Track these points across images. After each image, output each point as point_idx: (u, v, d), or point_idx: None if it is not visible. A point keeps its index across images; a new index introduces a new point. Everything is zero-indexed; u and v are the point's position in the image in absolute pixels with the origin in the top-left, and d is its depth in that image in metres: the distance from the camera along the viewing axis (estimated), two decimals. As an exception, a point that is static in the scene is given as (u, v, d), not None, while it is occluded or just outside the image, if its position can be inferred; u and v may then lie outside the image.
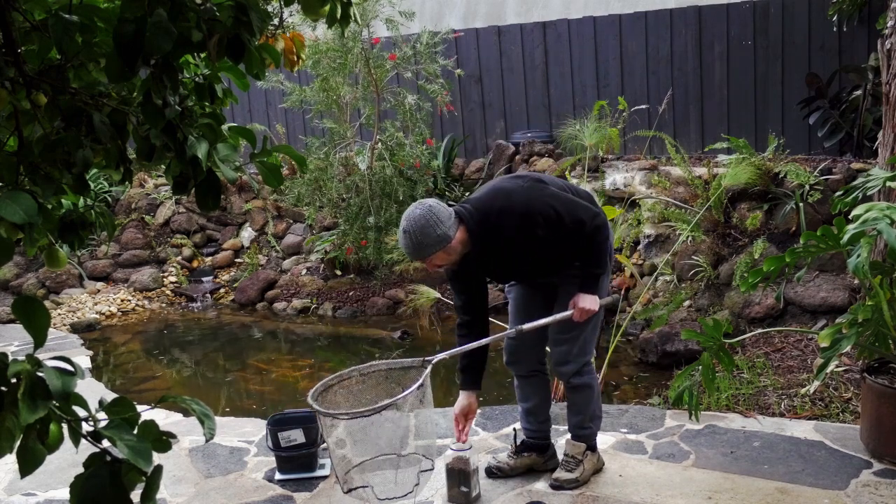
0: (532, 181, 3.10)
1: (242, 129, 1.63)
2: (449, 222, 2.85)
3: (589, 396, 3.27)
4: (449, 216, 2.87)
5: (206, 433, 1.15)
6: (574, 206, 3.00)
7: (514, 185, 3.06)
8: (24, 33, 1.43)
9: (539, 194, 3.00)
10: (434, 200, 2.95)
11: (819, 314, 4.94)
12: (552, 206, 2.95)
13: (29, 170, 1.43)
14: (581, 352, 3.22)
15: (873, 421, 3.29)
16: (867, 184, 3.27)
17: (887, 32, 4.16)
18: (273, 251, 8.00)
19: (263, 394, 5.02)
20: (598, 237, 3.04)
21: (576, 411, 3.31)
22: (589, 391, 3.26)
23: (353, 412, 2.72)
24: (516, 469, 3.34)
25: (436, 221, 2.82)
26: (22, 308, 1.06)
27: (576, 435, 3.31)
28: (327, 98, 6.85)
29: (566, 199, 3.02)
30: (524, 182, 3.08)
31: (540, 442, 3.38)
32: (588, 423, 3.29)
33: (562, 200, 3.00)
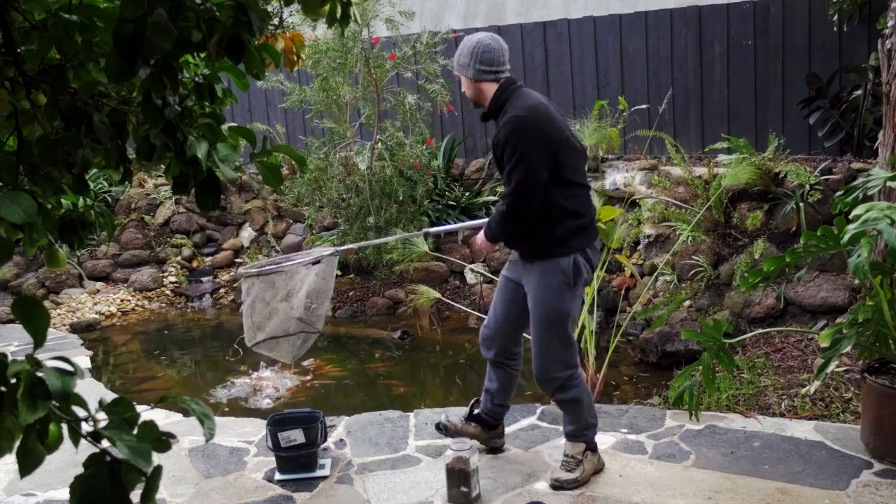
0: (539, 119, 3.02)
1: (242, 129, 1.63)
2: (488, 68, 3.09)
3: (578, 409, 3.25)
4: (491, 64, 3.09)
5: (205, 433, 1.15)
6: (521, 163, 2.96)
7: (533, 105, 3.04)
8: (24, 33, 1.43)
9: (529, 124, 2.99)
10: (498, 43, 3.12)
11: (819, 314, 4.94)
12: (514, 136, 2.98)
13: (29, 170, 1.43)
14: (556, 366, 3.17)
15: (874, 421, 3.29)
16: (867, 184, 3.27)
17: (887, 32, 4.16)
18: (273, 251, 7.99)
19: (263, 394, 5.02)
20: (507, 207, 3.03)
21: (569, 421, 3.31)
22: (576, 405, 3.23)
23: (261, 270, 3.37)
24: (460, 433, 3.49)
25: (479, 56, 3.08)
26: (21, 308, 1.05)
27: (574, 440, 3.31)
28: (327, 98, 6.85)
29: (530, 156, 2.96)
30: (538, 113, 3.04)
31: (489, 420, 3.53)
32: (582, 430, 3.28)
33: (525, 153, 2.96)
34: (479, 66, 3.08)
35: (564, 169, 3.05)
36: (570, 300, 3.12)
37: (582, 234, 3.11)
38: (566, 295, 3.10)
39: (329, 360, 5.62)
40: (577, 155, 3.16)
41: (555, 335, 3.14)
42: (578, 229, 3.10)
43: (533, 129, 2.98)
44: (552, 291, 3.09)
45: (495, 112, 3.12)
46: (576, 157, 3.15)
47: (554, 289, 3.09)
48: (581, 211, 3.12)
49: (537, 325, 3.16)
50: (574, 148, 3.14)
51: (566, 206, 3.07)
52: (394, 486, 3.34)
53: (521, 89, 3.14)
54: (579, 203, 3.12)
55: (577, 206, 3.11)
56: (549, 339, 3.15)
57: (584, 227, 3.13)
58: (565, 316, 3.13)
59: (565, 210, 3.07)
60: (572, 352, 3.20)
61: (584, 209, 3.14)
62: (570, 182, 3.09)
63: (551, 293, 3.09)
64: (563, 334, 3.15)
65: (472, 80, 3.12)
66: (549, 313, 3.12)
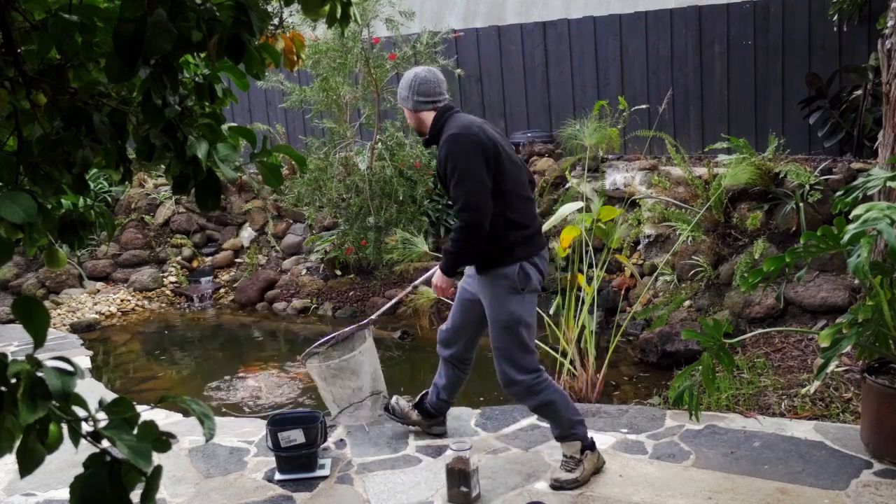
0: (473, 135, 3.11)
1: (242, 129, 1.63)
2: (424, 98, 3.27)
3: (553, 411, 3.26)
4: (431, 95, 3.26)
5: (205, 433, 1.15)
6: (464, 181, 3.04)
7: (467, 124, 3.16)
8: (24, 33, 1.43)
9: (464, 142, 3.09)
10: (434, 75, 3.31)
11: (819, 314, 4.94)
12: (456, 156, 3.08)
13: (29, 170, 1.43)
14: (517, 370, 3.21)
15: (874, 421, 3.29)
16: (867, 184, 3.27)
17: (887, 32, 4.16)
18: (273, 251, 7.99)
19: (263, 394, 5.02)
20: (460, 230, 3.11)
21: (552, 426, 3.33)
22: (551, 407, 3.25)
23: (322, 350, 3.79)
24: (405, 419, 3.79)
25: (414, 86, 3.27)
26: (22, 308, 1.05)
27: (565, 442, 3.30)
28: (327, 98, 6.85)
29: (472, 172, 3.05)
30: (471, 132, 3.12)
31: (431, 411, 3.74)
32: (569, 430, 3.28)
33: (467, 169, 3.05)
34: (416, 97, 3.27)
35: (506, 181, 3.16)
36: (519, 305, 3.19)
37: (527, 244, 3.20)
38: (515, 300, 3.18)
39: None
40: (517, 168, 3.26)
41: (511, 340, 3.21)
42: (524, 240, 3.19)
43: (469, 143, 3.09)
44: (502, 298, 3.18)
45: (435, 137, 3.27)
46: (516, 170, 3.24)
47: (503, 296, 3.18)
48: (525, 222, 3.21)
49: (493, 333, 3.25)
50: (513, 161, 3.24)
51: (512, 217, 3.16)
52: (394, 486, 3.34)
53: (457, 113, 3.28)
54: (523, 215, 3.21)
55: (522, 217, 3.20)
56: (506, 345, 3.22)
57: (530, 238, 3.22)
58: (518, 321, 3.19)
59: (511, 221, 3.16)
60: (531, 357, 3.24)
61: (528, 220, 3.23)
62: (514, 194, 3.18)
63: (501, 300, 3.18)
64: (518, 339, 3.21)
65: (412, 111, 3.31)
66: (502, 319, 3.20)
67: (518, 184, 3.22)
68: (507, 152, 3.22)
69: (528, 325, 3.23)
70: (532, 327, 3.26)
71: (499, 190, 3.13)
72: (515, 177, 3.21)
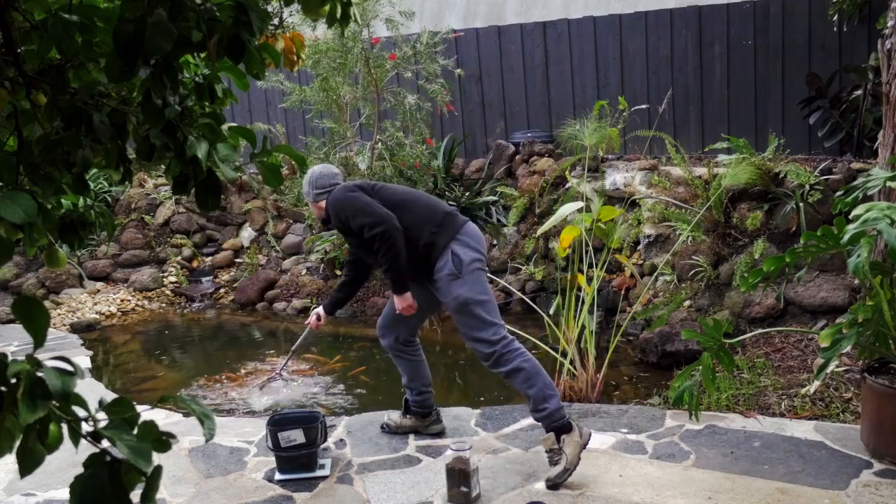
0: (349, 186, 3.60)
1: (242, 129, 1.63)
2: (320, 190, 3.66)
3: (525, 377, 3.34)
4: (324, 187, 3.65)
5: (205, 433, 1.15)
6: (360, 213, 3.44)
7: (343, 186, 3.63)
8: (24, 33, 1.43)
9: (342, 195, 3.53)
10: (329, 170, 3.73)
11: (819, 314, 4.94)
12: (344, 207, 3.51)
13: (29, 170, 1.43)
14: (483, 345, 3.36)
15: (874, 421, 3.29)
16: (867, 184, 3.27)
17: (887, 32, 4.16)
18: (273, 251, 7.99)
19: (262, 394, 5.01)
20: (379, 246, 3.40)
21: (526, 395, 3.38)
22: (521, 374, 3.34)
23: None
24: (402, 428, 3.86)
25: (311, 182, 3.68)
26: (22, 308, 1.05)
27: (538, 419, 3.36)
28: (327, 98, 6.85)
29: (361, 204, 3.46)
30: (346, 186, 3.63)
31: (419, 409, 3.82)
32: (541, 404, 3.31)
33: (356, 206, 3.47)
34: (315, 190, 3.68)
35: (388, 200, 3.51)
36: (462, 287, 3.38)
37: (441, 231, 3.46)
38: (457, 284, 3.38)
39: (329, 360, 5.62)
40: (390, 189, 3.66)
41: (468, 320, 3.39)
42: (438, 228, 3.46)
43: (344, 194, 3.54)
44: (446, 287, 3.40)
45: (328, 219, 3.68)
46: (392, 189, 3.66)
47: (446, 284, 3.40)
48: (432, 219, 3.49)
49: (455, 319, 3.47)
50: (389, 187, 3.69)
51: (409, 221, 3.47)
52: (394, 486, 3.34)
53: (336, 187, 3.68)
54: (425, 215, 3.51)
55: (420, 216, 3.49)
56: (466, 325, 3.40)
57: (441, 225, 3.48)
58: (466, 302, 3.36)
59: (411, 225, 3.47)
60: (493, 328, 3.37)
61: (433, 216, 3.50)
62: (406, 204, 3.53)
63: (447, 289, 3.40)
64: (474, 316, 3.37)
65: (314, 203, 3.71)
66: (454, 306, 3.39)
67: (407, 196, 3.62)
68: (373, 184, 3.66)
69: (480, 301, 3.39)
70: (485, 302, 3.40)
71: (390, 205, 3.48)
72: (393, 192, 3.62)
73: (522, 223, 6.95)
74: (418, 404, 3.81)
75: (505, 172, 7.35)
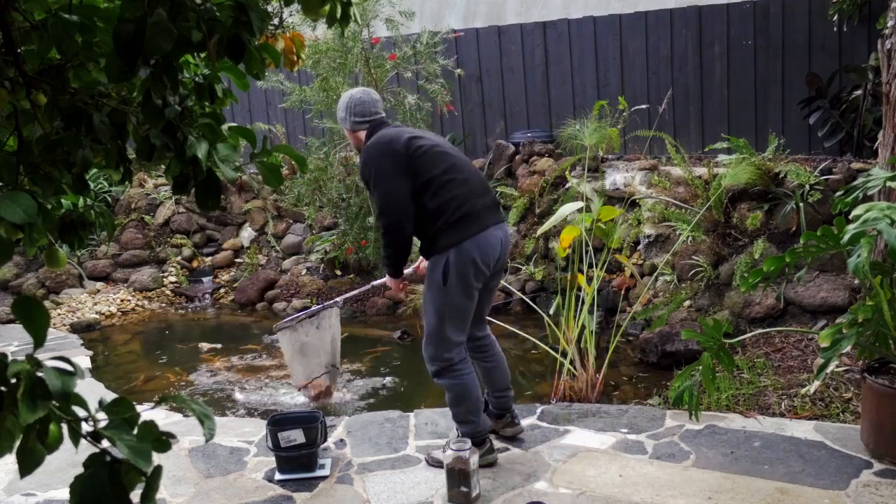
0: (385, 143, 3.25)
1: (242, 129, 1.63)
2: (359, 119, 3.39)
3: (452, 399, 3.36)
4: (363, 115, 3.39)
5: (205, 433, 1.15)
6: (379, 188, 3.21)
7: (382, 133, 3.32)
8: (24, 33, 1.43)
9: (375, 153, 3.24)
10: (369, 96, 3.43)
11: (819, 314, 4.94)
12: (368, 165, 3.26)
13: (29, 170, 1.43)
14: (432, 352, 3.31)
15: (873, 421, 3.29)
16: (867, 184, 3.27)
17: (887, 32, 4.16)
18: (273, 251, 7.99)
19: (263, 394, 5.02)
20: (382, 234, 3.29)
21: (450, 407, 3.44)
22: (450, 395, 3.36)
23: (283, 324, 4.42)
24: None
25: (349, 107, 3.40)
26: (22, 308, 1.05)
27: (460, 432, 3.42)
28: (327, 98, 6.84)
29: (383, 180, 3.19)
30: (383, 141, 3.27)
31: (494, 410, 3.68)
32: (459, 421, 3.39)
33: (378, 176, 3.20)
34: (353, 118, 3.40)
35: (423, 173, 3.21)
36: (443, 298, 3.24)
37: (451, 230, 3.20)
38: (440, 291, 3.24)
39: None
40: (440, 156, 3.27)
41: (432, 327, 3.30)
42: (447, 226, 3.20)
43: (379, 151, 3.24)
44: (430, 286, 3.29)
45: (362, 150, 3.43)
46: (439, 159, 3.26)
47: (431, 284, 3.28)
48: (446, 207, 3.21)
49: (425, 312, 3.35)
50: (435, 153, 3.27)
51: (431, 206, 3.21)
52: (394, 486, 3.34)
53: (382, 127, 3.39)
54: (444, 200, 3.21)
55: (443, 203, 3.21)
56: (428, 328, 3.32)
57: (453, 224, 3.21)
58: (438, 312, 3.26)
59: (431, 211, 3.22)
60: (445, 348, 3.28)
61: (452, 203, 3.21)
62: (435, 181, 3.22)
63: (429, 287, 3.29)
64: (436, 329, 3.28)
65: (350, 131, 3.46)
66: (427, 308, 3.31)
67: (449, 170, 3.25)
68: (424, 145, 3.26)
69: (454, 316, 3.27)
70: (458, 317, 3.28)
71: (419, 184, 3.21)
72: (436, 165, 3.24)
73: (522, 223, 6.95)
74: (494, 405, 3.68)
75: (505, 172, 7.35)
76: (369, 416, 4.13)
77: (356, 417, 4.15)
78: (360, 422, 4.05)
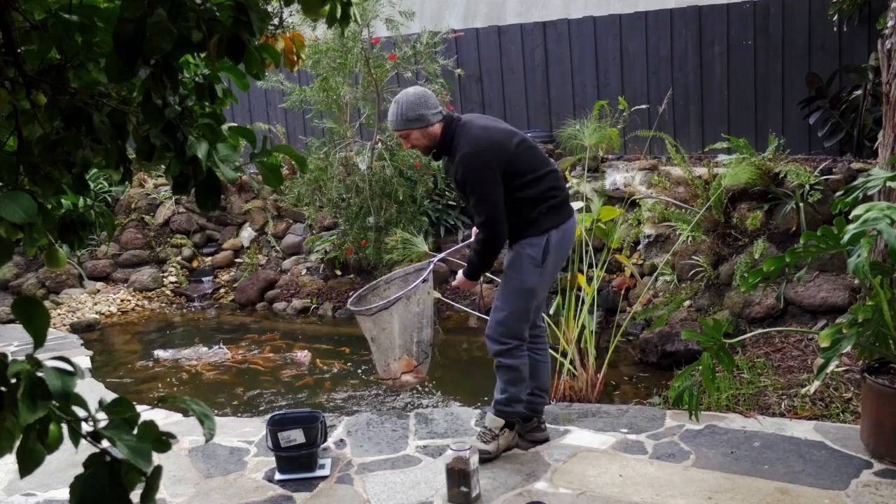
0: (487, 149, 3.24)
1: (242, 129, 1.62)
2: (434, 111, 3.30)
3: (513, 378, 3.43)
4: (436, 107, 3.32)
5: (205, 433, 1.15)
6: (483, 205, 3.23)
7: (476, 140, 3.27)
8: (24, 33, 1.43)
9: (477, 158, 3.22)
10: (424, 89, 3.37)
11: (819, 314, 4.94)
12: (470, 172, 3.24)
13: (29, 170, 1.43)
14: (508, 332, 3.38)
15: (873, 421, 3.29)
16: (867, 184, 3.27)
17: (887, 32, 4.16)
18: (273, 251, 7.99)
19: (263, 393, 5.02)
20: (480, 239, 3.31)
21: (500, 389, 3.48)
22: (513, 373, 3.42)
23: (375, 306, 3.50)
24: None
25: (424, 103, 3.28)
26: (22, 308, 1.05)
27: (497, 411, 3.49)
28: (327, 98, 6.85)
29: (484, 189, 3.21)
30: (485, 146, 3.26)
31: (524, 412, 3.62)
32: (510, 403, 3.47)
33: (481, 185, 3.22)
34: (431, 111, 3.32)
35: (520, 174, 3.30)
36: (537, 278, 3.36)
37: (552, 213, 3.36)
38: (534, 272, 3.35)
39: (329, 360, 5.62)
40: (529, 151, 3.38)
41: (516, 306, 3.37)
42: (549, 209, 3.35)
43: (482, 163, 3.25)
44: (522, 266, 3.35)
45: (446, 147, 3.37)
46: (530, 154, 3.37)
47: (524, 264, 3.34)
48: (548, 195, 3.35)
49: (502, 293, 3.42)
50: (525, 148, 3.37)
51: (529, 196, 3.31)
52: (394, 486, 3.34)
53: (463, 123, 3.37)
54: (544, 190, 3.35)
55: (543, 192, 3.34)
56: (509, 309, 3.38)
57: (555, 207, 3.37)
58: (530, 291, 3.37)
59: (532, 197, 3.31)
60: (525, 325, 3.41)
61: (551, 192, 3.37)
62: (532, 177, 3.32)
63: (521, 268, 3.35)
64: (523, 307, 3.38)
65: (426, 127, 3.32)
66: (516, 285, 3.37)
67: (533, 166, 3.35)
68: (516, 147, 3.33)
69: (538, 296, 3.42)
70: (541, 299, 3.45)
71: (515, 184, 3.29)
72: (530, 160, 3.35)
73: (522, 223, 6.94)
74: (527, 405, 3.60)
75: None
76: (369, 416, 4.13)
77: (356, 417, 4.15)
78: (360, 422, 4.05)
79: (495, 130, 3.36)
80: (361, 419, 4.10)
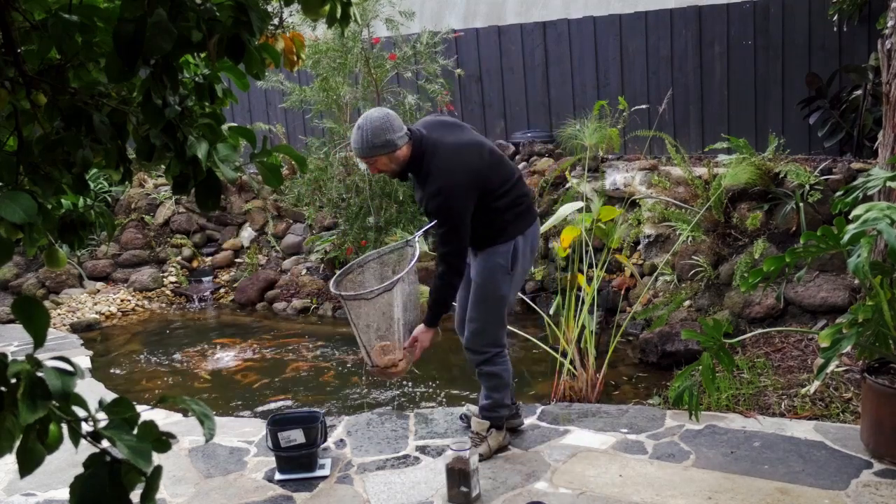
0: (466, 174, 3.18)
1: (242, 129, 1.62)
2: (400, 133, 3.15)
3: (497, 385, 3.46)
4: (402, 128, 3.17)
5: (205, 433, 1.15)
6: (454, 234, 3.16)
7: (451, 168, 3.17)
8: (24, 33, 1.43)
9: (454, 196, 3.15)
10: (387, 110, 3.24)
11: (819, 314, 4.94)
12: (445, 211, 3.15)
13: (29, 170, 1.43)
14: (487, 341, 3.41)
15: (873, 421, 3.29)
16: (867, 184, 3.27)
17: (887, 32, 4.16)
18: (273, 251, 7.99)
19: (263, 393, 5.02)
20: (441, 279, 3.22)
21: (485, 395, 3.53)
22: (496, 380, 3.46)
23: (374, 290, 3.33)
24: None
25: (389, 127, 3.11)
26: (22, 308, 1.05)
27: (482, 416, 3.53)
28: (327, 98, 6.85)
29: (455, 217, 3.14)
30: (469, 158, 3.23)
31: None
32: (495, 408, 3.51)
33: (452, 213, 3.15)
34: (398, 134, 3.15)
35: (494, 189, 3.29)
36: (507, 284, 3.38)
37: (518, 220, 3.38)
38: (505, 279, 3.37)
39: (329, 360, 5.62)
40: (500, 163, 3.37)
41: (490, 315, 3.40)
42: (515, 217, 3.36)
43: (458, 195, 3.16)
44: (493, 274, 3.36)
45: (415, 168, 3.25)
46: (500, 166, 3.37)
47: (494, 272, 3.36)
48: (515, 201, 3.37)
49: (475, 303, 3.42)
50: (496, 160, 3.35)
51: (499, 206, 3.31)
52: (394, 486, 3.34)
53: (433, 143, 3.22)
54: (514, 196, 3.37)
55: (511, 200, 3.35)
56: (484, 318, 3.40)
57: (521, 214, 3.39)
58: (502, 299, 3.39)
59: (501, 207, 3.32)
60: (502, 331, 3.46)
61: (517, 199, 3.38)
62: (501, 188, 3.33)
63: (492, 276, 3.36)
64: (497, 315, 3.41)
65: (394, 151, 3.16)
66: (488, 295, 3.38)
67: (504, 177, 3.36)
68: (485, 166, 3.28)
69: (510, 301, 3.45)
70: (512, 303, 3.49)
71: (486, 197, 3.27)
72: (502, 172, 3.37)
73: (522, 223, 6.94)
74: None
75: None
76: (369, 416, 4.14)
77: (356, 417, 4.15)
78: (360, 422, 4.05)
79: (468, 151, 3.25)
80: (361, 419, 4.10)
